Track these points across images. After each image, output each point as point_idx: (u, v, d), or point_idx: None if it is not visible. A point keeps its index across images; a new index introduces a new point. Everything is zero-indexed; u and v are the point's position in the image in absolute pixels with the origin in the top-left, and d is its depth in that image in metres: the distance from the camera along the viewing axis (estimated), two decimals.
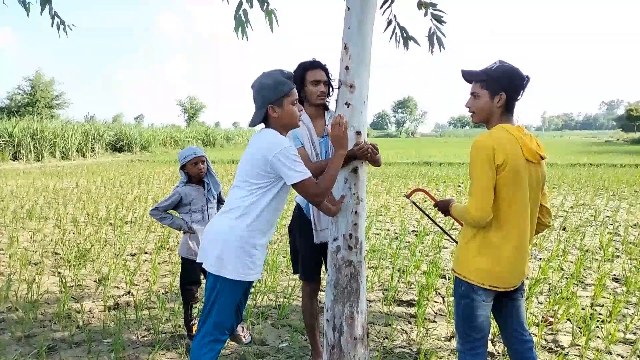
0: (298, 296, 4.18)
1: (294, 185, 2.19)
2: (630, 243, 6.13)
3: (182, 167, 3.26)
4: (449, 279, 4.61)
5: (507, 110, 2.11)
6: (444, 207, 2.36)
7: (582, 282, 4.64)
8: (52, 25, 3.89)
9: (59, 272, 4.79)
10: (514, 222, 2.05)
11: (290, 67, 2.70)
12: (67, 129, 22.82)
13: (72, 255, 5.27)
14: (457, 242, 2.32)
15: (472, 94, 2.15)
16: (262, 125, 2.35)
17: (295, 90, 2.31)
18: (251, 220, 2.22)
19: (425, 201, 8.64)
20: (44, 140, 21.15)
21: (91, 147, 24.22)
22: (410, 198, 2.71)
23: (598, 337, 3.43)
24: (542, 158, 2.10)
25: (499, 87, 2.07)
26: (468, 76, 2.18)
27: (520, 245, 2.08)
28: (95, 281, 4.56)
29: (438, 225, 2.86)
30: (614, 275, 4.86)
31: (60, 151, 22.08)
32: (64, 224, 7.03)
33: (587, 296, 4.26)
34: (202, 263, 3.20)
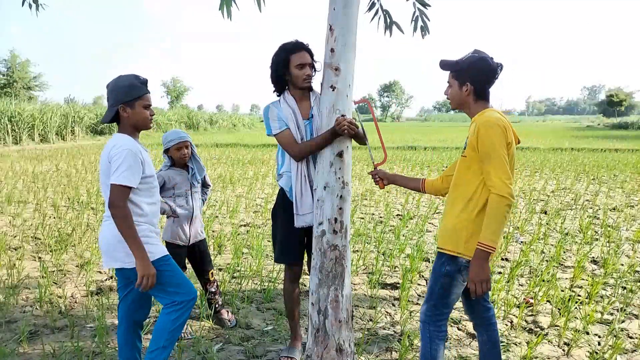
0: (283, 280, 4.19)
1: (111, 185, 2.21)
2: (609, 226, 6.27)
3: (166, 151, 3.20)
4: (432, 262, 4.66)
5: (479, 97, 2.19)
6: (388, 181, 2.66)
7: (562, 265, 4.74)
8: (22, 4, 3.70)
9: (39, 257, 4.71)
10: None
11: (272, 49, 2.66)
12: (45, 111, 22.26)
13: (52, 240, 5.19)
14: (374, 160, 2.62)
15: (448, 82, 2.27)
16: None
17: (149, 96, 2.36)
18: None
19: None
20: (22, 123, 20.57)
21: (71, 130, 23.67)
22: (357, 106, 2.69)
23: (576, 317, 3.51)
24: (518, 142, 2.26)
25: (465, 78, 2.17)
26: (443, 66, 2.27)
27: None
28: (77, 266, 4.50)
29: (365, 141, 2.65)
30: (593, 257, 4.97)
31: (39, 134, 21.55)
32: (44, 209, 6.91)
33: (566, 278, 4.35)
34: (188, 246, 3.25)
